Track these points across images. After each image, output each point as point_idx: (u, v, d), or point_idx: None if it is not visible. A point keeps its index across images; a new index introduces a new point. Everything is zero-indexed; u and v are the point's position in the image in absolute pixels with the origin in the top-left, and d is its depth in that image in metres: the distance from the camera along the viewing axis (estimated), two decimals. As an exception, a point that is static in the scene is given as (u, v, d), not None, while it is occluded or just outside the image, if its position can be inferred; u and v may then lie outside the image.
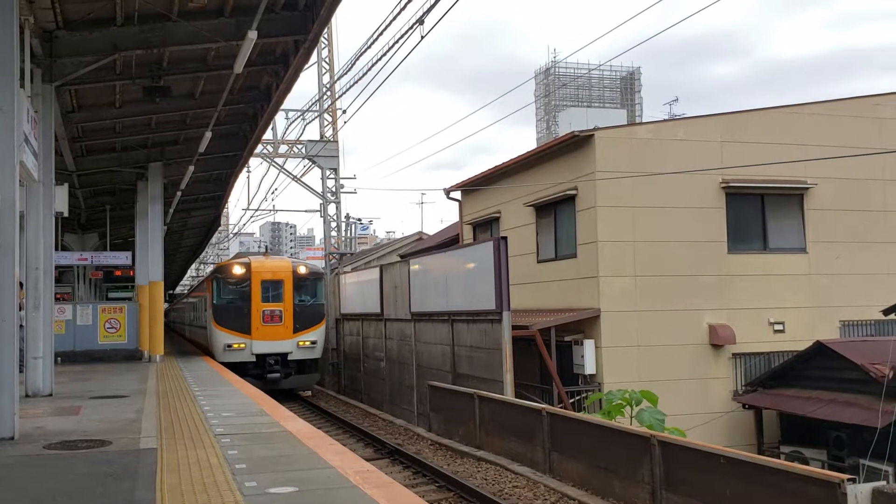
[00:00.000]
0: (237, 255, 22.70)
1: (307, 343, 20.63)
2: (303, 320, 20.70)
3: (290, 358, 20.47)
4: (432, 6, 11.59)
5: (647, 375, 16.17)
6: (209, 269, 48.91)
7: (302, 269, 21.39)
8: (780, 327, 17.64)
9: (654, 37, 16.30)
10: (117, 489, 5.78)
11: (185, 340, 34.51)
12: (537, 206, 19.27)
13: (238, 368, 18.45)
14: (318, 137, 29.07)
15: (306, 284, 21.32)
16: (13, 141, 8.05)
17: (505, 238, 14.70)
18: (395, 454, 13.40)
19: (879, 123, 18.62)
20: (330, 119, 29.31)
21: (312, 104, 29.10)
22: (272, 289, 20.63)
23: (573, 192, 17.49)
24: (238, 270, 20.83)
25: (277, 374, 20.12)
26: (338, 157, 29.17)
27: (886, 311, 15.01)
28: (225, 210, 38.25)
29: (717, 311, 17.34)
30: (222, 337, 20.11)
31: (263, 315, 20.20)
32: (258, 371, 19.78)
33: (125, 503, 5.38)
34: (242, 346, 19.94)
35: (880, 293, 17.00)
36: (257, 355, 20.05)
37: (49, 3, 10.86)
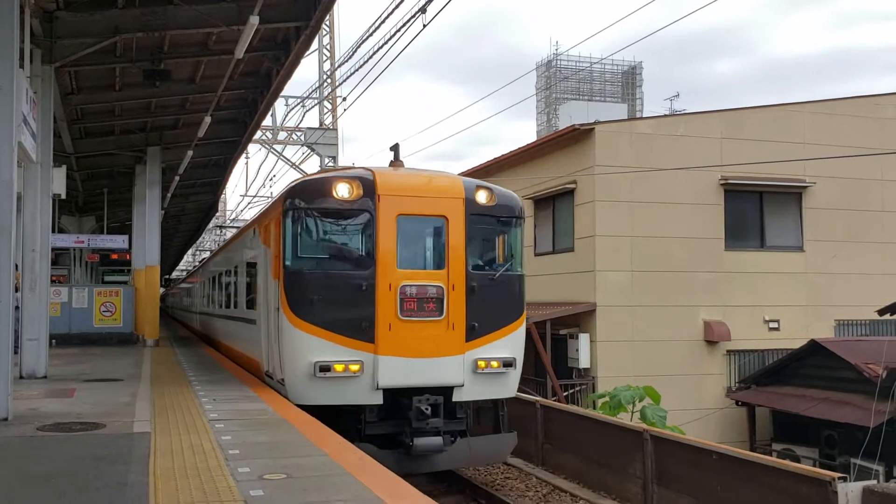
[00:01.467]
0: (326, 170, 9.60)
1: (495, 364, 9.40)
2: (486, 312, 9.44)
3: (457, 399, 9.35)
4: (435, -5, 11.54)
5: (642, 370, 16.23)
6: (208, 257, 47.56)
7: (482, 197, 9.66)
8: (775, 325, 17.72)
9: (657, 32, 16.32)
10: (111, 472, 5.78)
11: (199, 338, 23.18)
12: (536, 200, 19.26)
13: (341, 419, 8.99)
14: (317, 125, 28.98)
15: (494, 230, 10.06)
16: (12, 122, 8.01)
17: (503, 230, 14.63)
18: (388, 443, 13.26)
19: (879, 123, 18.64)
20: (330, 106, 29.23)
21: (312, 91, 29.03)
22: (421, 237, 9.81)
23: (572, 185, 17.48)
24: (344, 191, 9.22)
25: (436, 439, 9.11)
26: (337, 144, 29.07)
27: (881, 312, 15.05)
28: (223, 196, 38.20)
29: (712, 307, 17.39)
30: (308, 347, 9.07)
31: (402, 298, 9.13)
32: (389, 426, 9.27)
33: (118, 486, 5.37)
34: (355, 368, 8.95)
35: (876, 293, 17.06)
36: (387, 391, 9.10)
37: (50, -16, 10.82)
